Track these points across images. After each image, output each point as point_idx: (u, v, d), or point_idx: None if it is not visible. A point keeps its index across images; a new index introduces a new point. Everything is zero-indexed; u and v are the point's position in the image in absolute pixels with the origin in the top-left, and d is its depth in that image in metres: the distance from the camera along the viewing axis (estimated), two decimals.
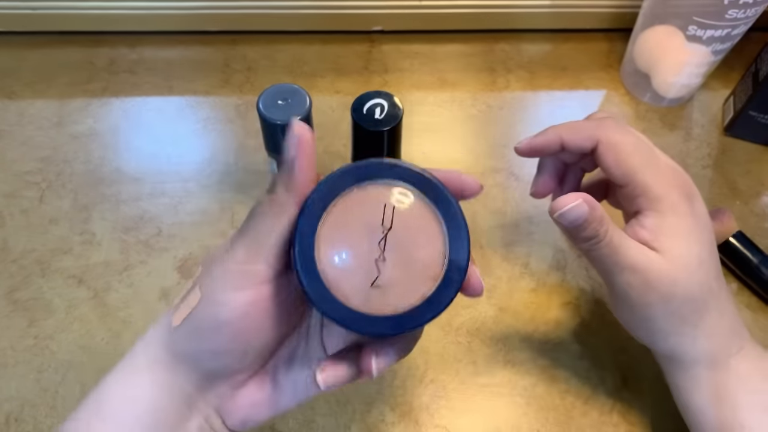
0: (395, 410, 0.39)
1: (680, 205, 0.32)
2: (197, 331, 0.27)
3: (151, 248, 0.44)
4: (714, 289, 0.32)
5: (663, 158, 0.33)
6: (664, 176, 0.32)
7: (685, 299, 0.32)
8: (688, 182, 0.33)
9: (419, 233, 0.26)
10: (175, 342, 0.28)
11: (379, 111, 0.38)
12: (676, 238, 0.31)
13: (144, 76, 0.53)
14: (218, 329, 0.27)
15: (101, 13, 0.54)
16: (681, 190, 0.32)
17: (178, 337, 0.28)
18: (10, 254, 0.44)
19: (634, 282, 0.32)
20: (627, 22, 0.55)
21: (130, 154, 0.49)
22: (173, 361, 0.28)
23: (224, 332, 0.27)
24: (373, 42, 0.57)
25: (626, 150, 0.32)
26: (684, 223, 0.32)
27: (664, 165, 0.32)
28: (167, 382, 0.28)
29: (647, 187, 0.32)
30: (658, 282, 0.31)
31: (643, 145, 0.33)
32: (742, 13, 0.44)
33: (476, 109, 0.53)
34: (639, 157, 0.32)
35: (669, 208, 0.32)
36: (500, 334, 0.42)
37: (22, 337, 0.40)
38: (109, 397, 0.28)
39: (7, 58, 0.54)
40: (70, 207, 0.46)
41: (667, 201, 0.31)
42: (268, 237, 0.26)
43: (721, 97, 0.54)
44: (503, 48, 0.57)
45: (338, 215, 0.26)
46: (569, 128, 0.34)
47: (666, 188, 0.32)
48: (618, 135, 0.33)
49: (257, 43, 0.56)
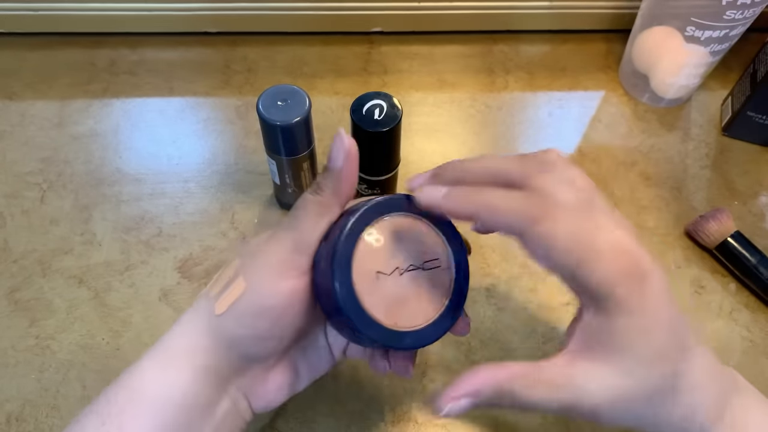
0: (395, 410, 0.39)
1: (630, 300, 0.26)
2: (243, 317, 0.29)
3: (151, 248, 0.44)
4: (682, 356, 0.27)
5: (604, 234, 0.26)
6: (607, 265, 0.25)
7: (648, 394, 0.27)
8: (638, 260, 0.26)
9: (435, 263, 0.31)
10: (219, 328, 0.29)
11: (379, 112, 0.38)
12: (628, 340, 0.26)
13: (144, 77, 0.54)
14: (263, 315, 0.29)
15: (102, 14, 0.54)
16: (629, 278, 0.26)
17: (222, 323, 0.29)
18: (11, 254, 0.44)
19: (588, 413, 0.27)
20: (625, 23, 0.55)
21: (131, 155, 0.49)
22: (214, 347, 0.29)
23: (268, 318, 0.29)
24: (373, 43, 0.57)
25: (556, 245, 0.26)
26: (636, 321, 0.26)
27: (606, 246, 0.26)
28: (205, 367, 0.29)
29: (585, 285, 0.26)
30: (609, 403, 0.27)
31: (579, 227, 0.26)
32: (739, 14, 0.44)
33: (475, 110, 0.53)
34: (572, 250, 0.26)
35: (617, 305, 0.26)
36: (499, 334, 0.42)
37: (23, 337, 0.41)
38: (143, 381, 0.29)
39: (8, 59, 0.54)
40: (70, 207, 0.46)
41: (615, 297, 0.26)
42: (312, 234, 0.29)
43: (720, 97, 0.55)
44: (502, 49, 0.57)
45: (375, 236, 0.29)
46: (486, 207, 0.27)
47: (611, 281, 0.25)
48: (547, 223, 0.26)
49: (257, 44, 0.56)
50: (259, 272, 0.29)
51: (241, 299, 0.29)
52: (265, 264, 0.29)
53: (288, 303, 0.29)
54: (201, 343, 0.30)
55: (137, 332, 0.41)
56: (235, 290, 0.29)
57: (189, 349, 0.30)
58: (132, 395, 0.29)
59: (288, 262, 0.29)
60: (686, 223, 0.47)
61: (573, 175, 0.28)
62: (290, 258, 0.29)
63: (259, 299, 0.29)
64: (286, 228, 0.29)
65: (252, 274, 0.29)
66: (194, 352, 0.29)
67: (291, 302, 0.29)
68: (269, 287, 0.29)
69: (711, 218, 0.45)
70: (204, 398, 0.30)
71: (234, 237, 0.45)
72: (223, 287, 0.30)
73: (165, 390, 0.29)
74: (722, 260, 0.45)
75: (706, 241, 0.45)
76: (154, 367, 0.30)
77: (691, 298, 0.44)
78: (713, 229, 0.44)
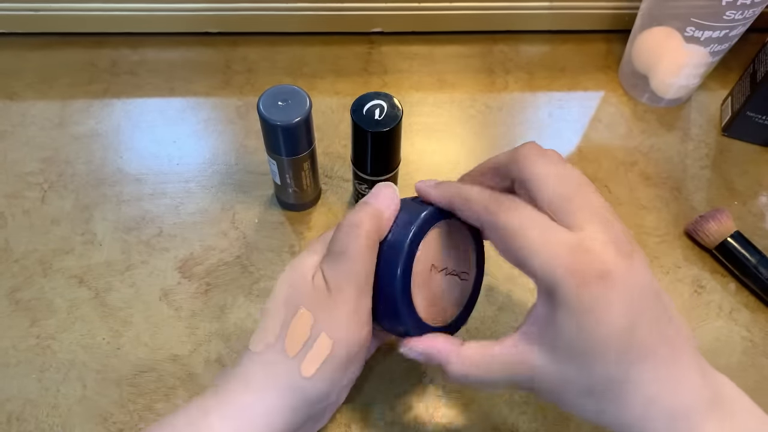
0: (395, 410, 0.39)
1: (576, 294, 0.25)
2: (333, 374, 0.30)
3: (152, 248, 0.44)
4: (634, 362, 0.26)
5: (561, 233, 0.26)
6: (561, 259, 0.26)
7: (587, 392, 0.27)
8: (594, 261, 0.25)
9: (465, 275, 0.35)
10: (307, 389, 0.30)
11: (379, 112, 0.38)
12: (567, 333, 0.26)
13: (145, 77, 0.54)
14: (349, 366, 0.31)
15: (103, 14, 0.54)
16: (580, 274, 0.25)
17: (310, 383, 0.30)
18: (11, 254, 0.44)
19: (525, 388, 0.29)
20: (625, 24, 0.55)
21: (132, 155, 0.49)
22: (297, 406, 0.30)
23: (353, 367, 0.31)
24: (373, 43, 0.57)
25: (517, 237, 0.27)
26: (577, 316, 0.26)
27: (560, 244, 0.26)
28: (282, 426, 0.30)
29: (539, 275, 0.27)
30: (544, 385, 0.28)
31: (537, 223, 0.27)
32: (739, 14, 0.44)
33: (475, 110, 0.53)
34: (529, 243, 0.27)
35: (562, 298, 0.26)
36: (500, 333, 0.42)
37: (24, 337, 0.41)
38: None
39: (9, 59, 0.54)
40: (71, 207, 0.46)
41: (561, 290, 0.26)
42: (370, 273, 0.31)
43: (719, 97, 0.55)
44: (502, 49, 0.57)
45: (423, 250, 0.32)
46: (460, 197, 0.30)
47: (560, 275, 0.26)
48: (509, 217, 0.27)
49: (258, 44, 0.56)
50: (341, 327, 0.30)
51: (329, 357, 0.30)
52: (343, 317, 0.30)
53: (367, 345, 0.32)
54: (283, 404, 0.30)
55: (138, 332, 0.41)
56: (322, 349, 0.30)
57: (270, 412, 0.29)
58: None
59: (360, 309, 0.30)
60: (686, 223, 0.47)
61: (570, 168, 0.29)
62: (359, 305, 0.30)
63: (348, 351, 0.30)
64: (345, 272, 0.30)
65: (335, 330, 0.30)
66: (275, 415, 0.30)
67: (368, 344, 0.32)
68: (354, 339, 0.30)
69: (711, 218, 0.45)
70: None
71: (235, 237, 0.45)
72: (302, 347, 0.30)
73: None
74: (722, 260, 0.45)
75: (705, 241, 0.45)
76: (226, 428, 0.29)
77: (690, 298, 0.44)
78: (713, 229, 0.44)
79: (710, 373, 0.28)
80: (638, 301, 0.26)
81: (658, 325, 0.26)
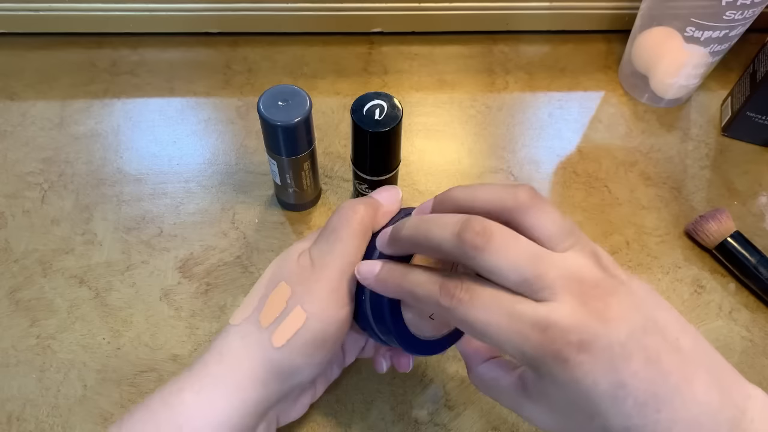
0: (395, 410, 0.39)
1: (556, 373, 0.25)
2: (305, 348, 0.30)
3: (152, 248, 0.44)
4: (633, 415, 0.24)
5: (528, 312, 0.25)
6: (533, 342, 0.24)
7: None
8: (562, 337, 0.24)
9: None
10: (277, 360, 0.30)
11: (379, 112, 0.38)
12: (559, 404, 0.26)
13: (145, 77, 0.54)
14: (325, 344, 0.30)
15: (103, 14, 0.54)
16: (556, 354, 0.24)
17: (281, 355, 0.30)
18: (12, 254, 0.44)
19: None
20: (625, 24, 0.55)
21: (132, 155, 0.49)
22: (268, 379, 0.30)
23: (329, 346, 0.31)
24: (373, 43, 0.57)
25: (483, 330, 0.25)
26: (559, 393, 0.25)
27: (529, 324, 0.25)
28: (255, 399, 0.30)
29: (516, 358, 0.26)
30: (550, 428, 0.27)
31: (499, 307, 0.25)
32: (739, 14, 0.44)
33: (475, 110, 0.53)
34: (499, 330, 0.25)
35: (544, 375, 0.25)
36: None
37: (24, 337, 0.41)
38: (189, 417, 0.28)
39: (9, 59, 0.54)
40: (71, 207, 0.46)
41: (541, 369, 0.25)
42: (357, 257, 0.30)
43: (719, 97, 0.55)
44: (502, 49, 0.57)
45: None
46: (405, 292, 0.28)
47: (536, 357, 0.25)
48: (467, 311, 0.26)
49: (258, 44, 0.56)
50: (317, 302, 0.30)
51: (302, 330, 0.29)
52: (321, 293, 0.30)
53: (344, 329, 0.31)
54: (255, 376, 0.29)
55: (138, 332, 0.41)
56: (295, 321, 0.30)
57: (242, 382, 0.29)
58: (174, 422, 0.28)
59: (341, 290, 0.30)
60: (686, 223, 0.47)
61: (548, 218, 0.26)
62: (341, 285, 0.30)
63: (322, 329, 0.30)
64: (331, 251, 0.30)
65: (311, 305, 0.30)
66: (247, 386, 0.29)
67: (346, 328, 0.31)
68: (330, 317, 0.30)
69: (711, 218, 0.45)
70: (248, 429, 0.30)
71: (235, 237, 0.45)
72: (276, 318, 0.30)
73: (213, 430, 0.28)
74: (722, 260, 0.45)
75: (705, 241, 0.45)
76: (202, 403, 0.29)
77: (690, 298, 0.44)
78: (713, 229, 0.44)
79: (730, 385, 0.26)
80: (621, 356, 0.24)
81: (652, 367, 0.24)
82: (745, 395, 0.26)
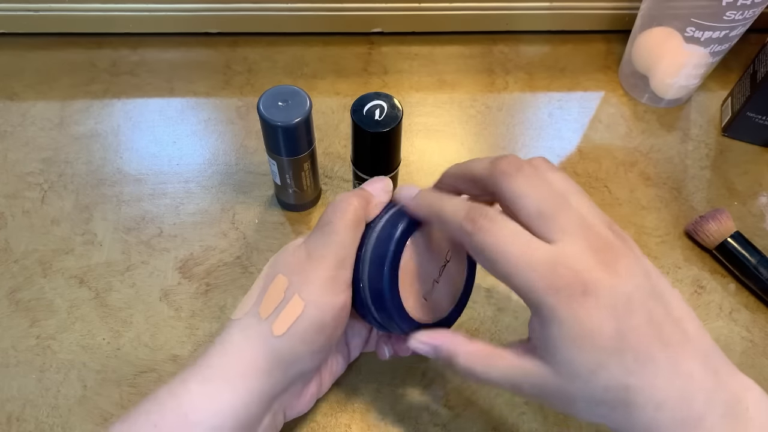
0: (395, 410, 0.39)
1: (558, 312, 0.25)
2: (305, 335, 0.30)
3: (152, 249, 0.44)
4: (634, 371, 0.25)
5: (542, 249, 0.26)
6: (541, 277, 0.26)
7: (594, 402, 0.26)
8: (577, 274, 0.25)
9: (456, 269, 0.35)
10: (279, 348, 0.30)
11: (379, 112, 0.38)
12: (561, 351, 0.26)
13: (145, 77, 0.54)
14: (323, 331, 0.31)
15: (103, 14, 0.54)
16: (557, 289, 0.25)
17: (282, 343, 0.30)
18: (11, 255, 0.44)
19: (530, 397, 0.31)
20: (625, 24, 0.55)
21: (132, 155, 0.49)
22: (272, 368, 0.30)
23: (327, 333, 0.31)
24: (373, 44, 0.57)
25: (496, 257, 0.27)
26: (564, 333, 0.26)
27: (540, 260, 0.26)
28: (259, 389, 0.30)
29: (522, 293, 0.27)
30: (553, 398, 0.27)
31: (515, 241, 0.27)
32: (740, 14, 0.44)
33: (475, 110, 0.53)
34: (511, 260, 0.26)
35: (546, 318, 0.26)
36: (499, 334, 0.42)
37: (24, 337, 0.41)
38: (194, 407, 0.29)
39: (9, 59, 0.54)
40: (71, 207, 0.46)
41: (545, 307, 0.26)
42: (352, 248, 0.31)
43: (719, 98, 0.55)
44: (502, 49, 0.57)
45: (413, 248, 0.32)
46: (434, 213, 0.30)
47: (542, 293, 0.26)
48: (485, 238, 0.27)
49: (258, 44, 0.56)
50: (315, 290, 0.30)
51: (301, 318, 0.30)
52: (318, 281, 0.30)
53: (343, 316, 0.31)
54: (258, 365, 0.30)
55: (138, 332, 0.41)
56: (294, 310, 0.30)
57: (245, 372, 0.30)
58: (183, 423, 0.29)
59: (337, 277, 0.31)
60: (686, 223, 0.47)
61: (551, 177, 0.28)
62: (338, 274, 0.31)
63: (320, 315, 0.30)
64: (324, 244, 0.31)
65: (308, 293, 0.30)
66: (251, 375, 0.30)
67: (344, 315, 0.32)
68: (328, 303, 0.30)
69: (711, 218, 0.45)
70: (253, 419, 0.30)
71: (235, 237, 0.45)
72: (275, 308, 0.30)
73: (218, 419, 0.29)
74: (722, 260, 0.45)
75: (705, 241, 0.45)
76: (207, 392, 0.29)
77: (690, 298, 0.44)
78: (713, 230, 0.44)
79: (727, 374, 0.26)
80: (624, 308, 0.25)
81: (653, 329, 0.25)
82: (742, 385, 0.26)
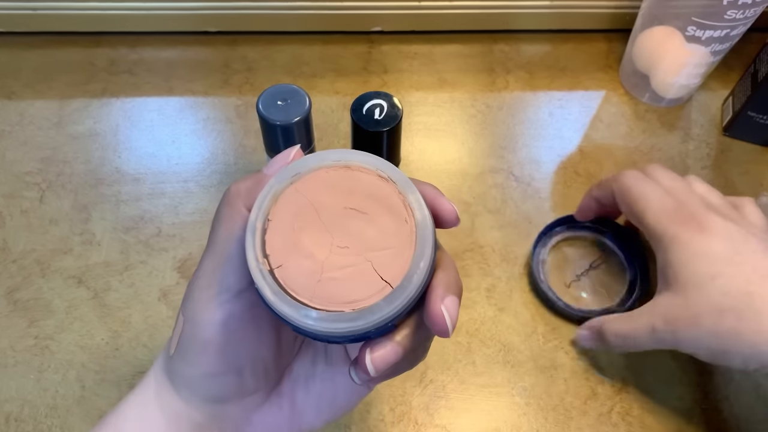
0: (395, 410, 0.39)
1: (679, 237, 0.35)
2: (187, 355, 0.26)
3: (151, 248, 0.44)
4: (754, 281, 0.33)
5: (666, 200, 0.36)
6: (664, 214, 0.36)
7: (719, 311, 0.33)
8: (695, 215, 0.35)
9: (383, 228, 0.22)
10: (173, 370, 0.27)
11: (379, 111, 0.38)
12: (681, 268, 0.34)
13: (144, 76, 0.53)
14: (204, 350, 0.25)
15: (101, 13, 0.54)
16: (679, 223, 0.35)
17: (174, 364, 0.26)
18: (10, 254, 0.44)
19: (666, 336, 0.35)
20: (626, 23, 0.55)
21: (130, 155, 0.49)
22: (175, 389, 0.27)
23: (210, 353, 0.25)
24: (373, 43, 0.57)
25: (632, 198, 0.38)
26: (683, 253, 0.34)
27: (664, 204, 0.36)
28: (176, 412, 0.27)
29: (649, 230, 0.36)
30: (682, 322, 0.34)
31: (651, 190, 0.37)
32: (741, 13, 0.44)
33: (475, 110, 0.53)
34: (643, 202, 0.37)
35: (669, 244, 0.35)
36: (499, 334, 0.42)
37: (22, 337, 0.40)
38: (125, 426, 0.27)
39: (6, 58, 0.54)
40: (70, 207, 0.46)
41: (666, 238, 0.35)
42: (229, 244, 0.24)
43: (720, 97, 0.54)
44: (502, 49, 0.57)
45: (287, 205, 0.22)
46: (598, 185, 0.42)
47: (663, 226, 0.35)
48: (627, 184, 0.38)
49: (257, 43, 0.56)
50: (192, 304, 0.25)
51: (182, 336, 0.26)
52: (193, 294, 0.25)
53: (228, 331, 0.25)
54: (166, 386, 0.27)
55: (136, 332, 0.41)
56: (179, 327, 0.26)
57: (157, 393, 0.27)
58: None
59: (215, 285, 0.25)
60: None
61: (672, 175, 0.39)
62: (216, 280, 0.25)
63: (198, 333, 0.25)
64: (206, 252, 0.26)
65: (185, 308, 0.26)
66: (162, 396, 0.27)
67: (232, 330, 0.25)
68: (201, 319, 0.25)
69: None
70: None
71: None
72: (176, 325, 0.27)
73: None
74: None
75: None
76: (135, 411, 0.27)
77: None
78: None
79: None
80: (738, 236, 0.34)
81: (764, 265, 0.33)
82: None
